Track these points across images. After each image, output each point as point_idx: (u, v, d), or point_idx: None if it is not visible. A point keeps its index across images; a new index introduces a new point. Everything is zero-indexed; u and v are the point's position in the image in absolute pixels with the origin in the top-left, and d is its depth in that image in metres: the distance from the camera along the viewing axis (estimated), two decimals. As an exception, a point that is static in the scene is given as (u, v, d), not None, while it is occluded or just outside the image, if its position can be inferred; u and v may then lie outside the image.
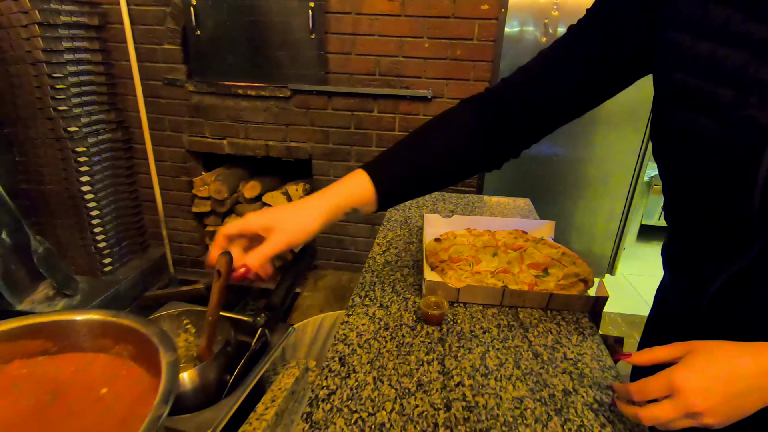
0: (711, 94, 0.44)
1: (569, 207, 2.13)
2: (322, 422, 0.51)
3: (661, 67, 0.51)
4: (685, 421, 0.43)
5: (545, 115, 0.63)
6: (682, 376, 0.43)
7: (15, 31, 1.70)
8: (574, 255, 0.89)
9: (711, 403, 0.42)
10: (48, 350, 0.35)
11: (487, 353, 0.64)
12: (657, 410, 0.44)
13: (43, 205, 2.05)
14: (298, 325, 1.04)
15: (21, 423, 0.30)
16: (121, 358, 0.35)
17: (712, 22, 0.43)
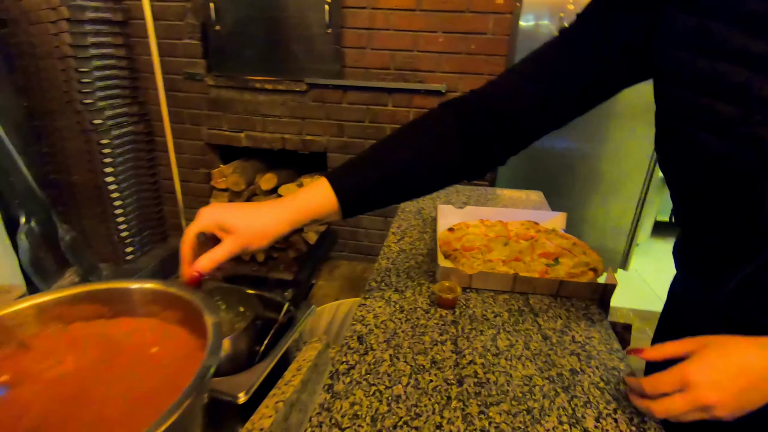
0: (711, 110, 0.44)
1: (582, 201, 2.14)
2: (342, 393, 0.54)
3: (660, 82, 0.51)
4: (696, 414, 0.45)
5: (532, 121, 0.60)
6: (693, 370, 0.44)
7: (44, 27, 1.77)
8: (584, 245, 0.91)
9: (722, 396, 0.43)
10: (104, 314, 0.40)
11: (498, 335, 0.67)
12: (669, 403, 0.45)
13: (70, 195, 2.13)
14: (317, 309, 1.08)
15: (88, 373, 0.34)
16: (168, 323, 0.39)
17: (711, 39, 0.43)
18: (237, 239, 0.51)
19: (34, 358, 0.35)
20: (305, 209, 0.56)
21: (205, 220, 0.52)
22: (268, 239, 0.53)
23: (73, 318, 0.38)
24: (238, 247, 0.51)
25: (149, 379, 0.33)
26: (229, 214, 0.52)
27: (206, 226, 0.52)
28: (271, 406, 0.43)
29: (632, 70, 0.55)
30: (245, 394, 0.39)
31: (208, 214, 0.52)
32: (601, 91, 0.58)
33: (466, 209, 1.06)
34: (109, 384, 0.33)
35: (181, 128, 2.21)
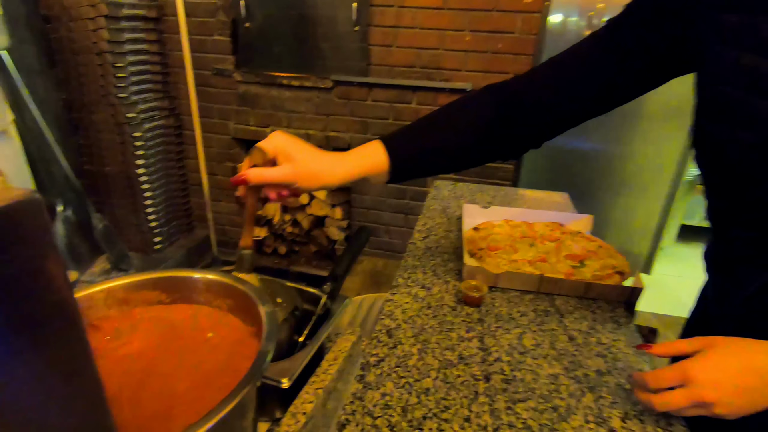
0: (752, 107, 0.45)
1: (606, 203, 2.11)
2: (373, 383, 0.57)
3: (701, 77, 0.52)
4: (696, 410, 0.46)
5: (569, 109, 0.63)
6: (695, 367, 0.46)
7: (83, 23, 1.84)
8: (610, 248, 0.91)
9: (720, 394, 0.44)
10: (162, 300, 0.43)
11: (524, 334, 0.68)
12: (669, 397, 0.47)
13: (103, 185, 2.22)
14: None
15: (153, 353, 0.37)
16: (221, 310, 0.42)
17: (757, 35, 0.43)
18: (293, 168, 0.54)
19: (103, 339, 0.39)
20: (359, 166, 0.59)
21: (275, 139, 0.55)
22: (319, 183, 0.56)
23: (136, 303, 0.42)
24: (291, 176, 0.54)
25: (208, 361, 0.36)
26: (296, 146, 0.55)
27: (274, 145, 0.55)
28: (311, 392, 0.45)
29: (672, 65, 0.56)
30: (288, 380, 0.42)
31: (279, 137, 0.55)
32: (639, 85, 0.60)
33: (491, 209, 1.07)
34: (173, 363, 0.36)
35: (209, 123, 2.27)
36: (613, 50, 0.58)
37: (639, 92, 0.61)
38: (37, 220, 0.17)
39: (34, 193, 0.17)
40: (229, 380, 0.34)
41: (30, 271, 0.17)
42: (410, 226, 2.24)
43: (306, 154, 0.55)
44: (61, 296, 0.20)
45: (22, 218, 0.16)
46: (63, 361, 0.21)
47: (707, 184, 0.58)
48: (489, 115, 0.64)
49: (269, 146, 0.55)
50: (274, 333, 0.34)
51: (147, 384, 0.34)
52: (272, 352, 0.32)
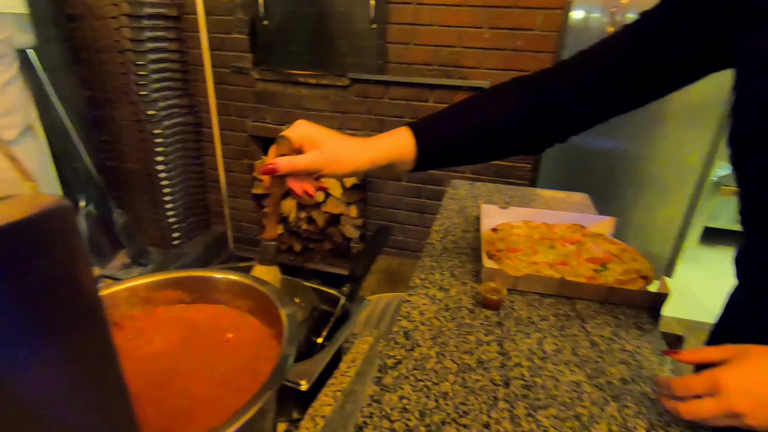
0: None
1: (626, 204, 2.06)
2: (391, 386, 0.56)
3: (742, 73, 0.50)
4: (725, 420, 0.44)
5: (599, 103, 0.61)
6: (726, 375, 0.44)
7: (106, 22, 1.88)
8: (634, 252, 0.89)
9: (753, 405, 0.43)
10: (183, 300, 0.43)
11: (544, 339, 0.67)
12: (697, 406, 0.45)
13: (124, 181, 2.26)
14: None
15: (174, 352, 0.37)
16: (241, 311, 0.42)
17: None
18: (321, 155, 0.54)
19: (126, 337, 0.39)
20: (386, 151, 0.59)
21: (300, 128, 0.55)
22: (347, 169, 0.56)
23: (158, 302, 0.42)
24: (319, 162, 0.54)
25: (228, 362, 0.36)
26: (322, 132, 0.55)
27: (300, 134, 0.55)
28: (330, 395, 0.45)
29: (709, 59, 0.54)
30: (307, 382, 0.41)
31: (304, 124, 0.55)
32: (674, 79, 0.58)
33: (509, 209, 1.06)
34: (194, 364, 0.36)
35: (227, 120, 2.29)
36: (648, 43, 0.56)
37: (673, 87, 0.59)
38: (67, 226, 0.17)
39: (64, 199, 0.17)
40: (249, 382, 0.34)
41: (61, 276, 0.17)
42: (426, 224, 2.23)
43: (332, 140, 0.55)
44: (90, 300, 0.20)
45: (53, 225, 0.16)
46: (91, 362, 0.22)
47: (742, 184, 0.56)
48: (517, 106, 0.63)
49: (294, 134, 0.55)
50: (295, 336, 0.34)
51: (169, 384, 0.34)
52: (293, 356, 0.32)
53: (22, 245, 0.16)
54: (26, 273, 0.17)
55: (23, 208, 0.15)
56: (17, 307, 0.17)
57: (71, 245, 0.17)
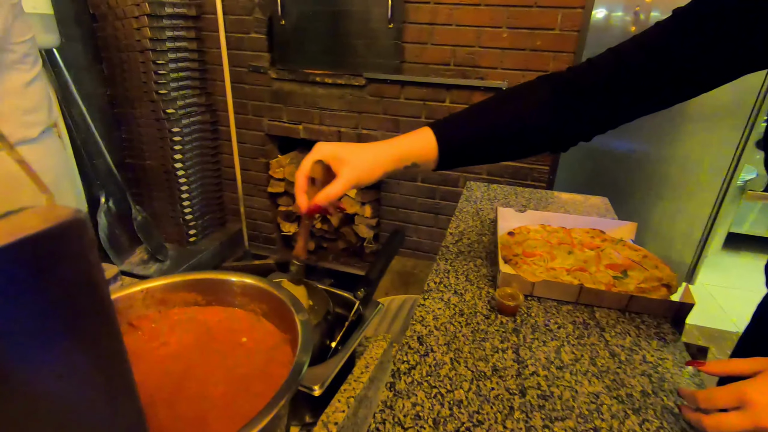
0: None
1: (646, 208, 2.01)
2: (404, 392, 0.56)
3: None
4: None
5: (628, 102, 0.60)
6: (755, 389, 0.42)
7: (128, 22, 1.91)
8: (656, 259, 0.86)
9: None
10: (198, 302, 0.43)
11: (562, 347, 0.65)
12: (723, 420, 0.43)
13: (143, 178, 2.30)
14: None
15: (189, 354, 0.37)
16: (255, 315, 0.42)
17: None
18: (352, 172, 0.55)
19: (142, 338, 0.39)
20: (408, 151, 0.60)
21: (324, 150, 0.56)
22: (377, 174, 0.57)
23: (174, 303, 0.42)
24: (354, 180, 0.55)
25: (243, 366, 0.36)
26: (345, 149, 0.57)
27: (325, 156, 0.56)
28: (343, 401, 0.45)
29: (747, 57, 0.52)
30: (320, 388, 0.41)
31: (327, 146, 0.57)
32: (709, 78, 0.56)
33: (526, 213, 1.04)
34: (208, 366, 0.36)
35: (243, 119, 2.31)
36: (684, 40, 0.54)
37: (708, 86, 0.57)
38: (83, 237, 0.17)
39: (80, 212, 0.17)
40: (264, 387, 0.33)
41: (78, 282, 0.18)
42: (440, 226, 2.21)
43: (356, 154, 0.57)
44: (103, 306, 0.21)
45: (70, 236, 0.17)
46: (102, 354, 0.23)
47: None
48: (543, 104, 0.62)
49: (324, 157, 0.57)
50: (310, 343, 0.33)
51: (184, 387, 0.34)
52: (307, 363, 0.32)
53: (43, 255, 0.16)
54: (47, 280, 0.18)
55: (41, 220, 0.15)
56: (40, 309, 0.18)
57: (86, 254, 0.17)
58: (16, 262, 0.16)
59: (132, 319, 0.40)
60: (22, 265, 0.16)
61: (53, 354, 0.19)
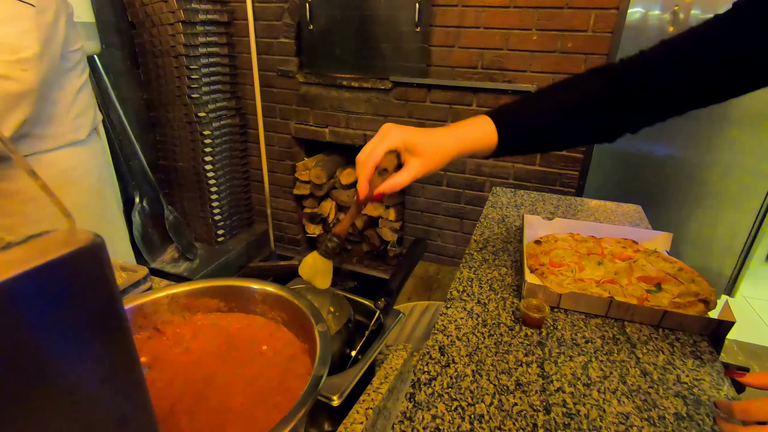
0: None
1: (683, 216, 1.92)
2: (424, 404, 0.55)
3: None
4: None
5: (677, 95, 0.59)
6: None
7: (164, 29, 1.98)
8: (693, 272, 0.82)
9: None
10: (221, 308, 0.44)
11: (589, 363, 0.63)
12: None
13: (175, 179, 2.38)
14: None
15: (211, 361, 0.38)
16: (276, 323, 0.42)
17: None
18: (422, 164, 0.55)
19: (166, 343, 0.40)
20: (471, 141, 0.61)
21: (394, 139, 0.55)
22: (442, 165, 0.58)
23: (197, 309, 0.43)
24: (423, 172, 0.56)
25: (263, 376, 0.36)
26: (414, 135, 0.56)
27: (396, 144, 0.55)
28: (362, 412, 0.44)
29: None
30: (339, 398, 0.41)
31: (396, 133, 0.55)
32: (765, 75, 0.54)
33: (554, 221, 1.01)
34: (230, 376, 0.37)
35: (272, 122, 2.36)
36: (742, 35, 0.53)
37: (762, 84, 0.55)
38: (100, 259, 0.18)
39: (97, 236, 0.18)
40: (282, 399, 0.34)
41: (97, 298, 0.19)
42: (465, 231, 2.18)
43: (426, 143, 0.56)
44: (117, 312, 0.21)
45: (90, 258, 0.17)
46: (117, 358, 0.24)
47: None
48: (596, 92, 0.63)
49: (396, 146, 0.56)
50: (328, 356, 0.33)
51: (205, 396, 0.34)
52: (325, 376, 0.31)
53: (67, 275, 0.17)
54: (73, 297, 0.18)
55: (63, 244, 0.16)
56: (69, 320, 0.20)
57: (104, 273, 0.18)
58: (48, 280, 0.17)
59: (158, 323, 0.41)
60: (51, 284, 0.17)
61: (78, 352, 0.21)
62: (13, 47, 0.86)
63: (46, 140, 1.03)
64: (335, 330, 0.52)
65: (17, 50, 0.87)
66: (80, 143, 1.14)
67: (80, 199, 1.16)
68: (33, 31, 0.89)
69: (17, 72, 0.87)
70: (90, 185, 1.19)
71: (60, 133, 1.06)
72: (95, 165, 1.22)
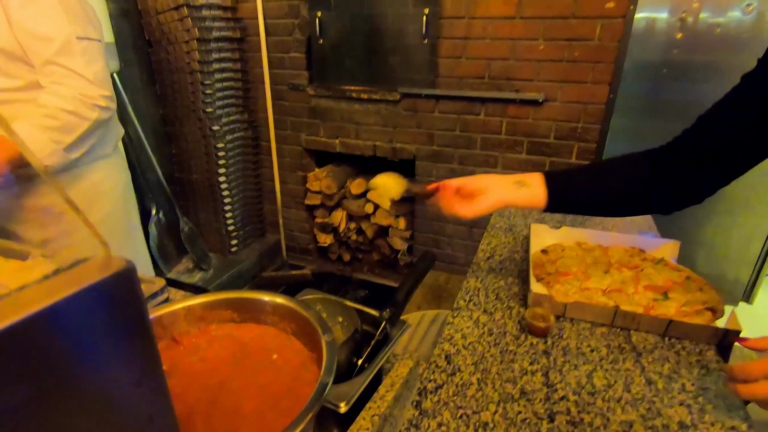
0: None
1: (697, 223, 1.90)
2: (430, 411, 0.56)
3: None
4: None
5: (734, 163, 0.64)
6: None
7: (179, 46, 2.05)
8: (701, 280, 0.82)
9: None
10: (234, 319, 0.46)
11: (594, 372, 0.63)
12: (755, 387, 0.50)
13: (190, 191, 2.44)
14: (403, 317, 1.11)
15: (225, 369, 0.40)
16: (286, 333, 0.45)
17: None
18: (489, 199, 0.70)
19: (183, 353, 0.42)
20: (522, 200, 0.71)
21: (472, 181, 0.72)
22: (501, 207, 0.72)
23: (211, 320, 0.46)
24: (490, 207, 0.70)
25: (274, 383, 0.38)
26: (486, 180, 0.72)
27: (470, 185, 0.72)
28: (368, 419, 0.46)
29: None
30: (346, 405, 0.43)
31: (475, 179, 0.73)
32: None
33: (561, 230, 1.02)
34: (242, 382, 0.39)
35: (283, 134, 2.41)
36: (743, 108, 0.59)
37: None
38: (132, 281, 0.21)
39: (130, 262, 0.20)
40: (291, 404, 0.36)
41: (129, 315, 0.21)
42: (474, 239, 2.19)
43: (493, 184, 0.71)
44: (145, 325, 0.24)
45: (124, 281, 0.20)
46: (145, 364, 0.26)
47: None
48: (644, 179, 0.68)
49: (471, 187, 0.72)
50: (333, 364, 0.35)
51: (219, 401, 0.37)
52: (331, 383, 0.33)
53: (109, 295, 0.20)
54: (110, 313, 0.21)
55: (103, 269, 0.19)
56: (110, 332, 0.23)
57: (135, 293, 0.21)
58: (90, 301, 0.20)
59: (175, 334, 0.44)
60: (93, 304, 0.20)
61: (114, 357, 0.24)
62: (102, 82, 1.01)
63: (80, 156, 1.09)
64: (343, 339, 0.54)
65: (104, 84, 1.02)
66: (107, 157, 1.20)
67: (108, 211, 1.22)
68: (106, 66, 1.05)
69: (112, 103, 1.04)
70: (116, 198, 1.25)
71: (92, 148, 1.12)
72: (120, 178, 1.28)
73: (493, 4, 1.77)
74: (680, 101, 1.70)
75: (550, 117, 1.85)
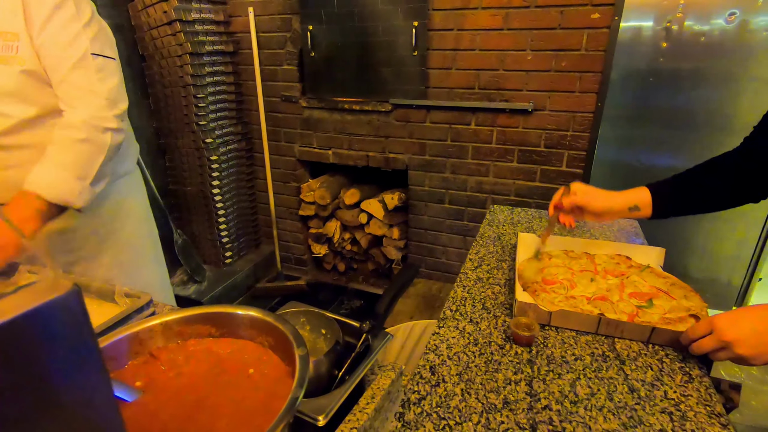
0: None
1: (688, 227, 1.91)
2: (413, 423, 0.56)
3: None
4: (723, 354, 0.59)
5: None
6: (720, 317, 0.60)
7: (172, 60, 2.07)
8: (686, 287, 0.83)
9: (738, 334, 0.57)
10: (212, 334, 0.47)
11: (577, 381, 0.64)
12: (700, 343, 0.62)
13: (184, 203, 2.44)
14: (390, 329, 1.11)
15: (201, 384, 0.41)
16: (263, 347, 0.45)
17: None
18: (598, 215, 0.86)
19: (160, 368, 0.43)
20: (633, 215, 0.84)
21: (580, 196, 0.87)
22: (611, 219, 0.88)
23: (189, 335, 0.46)
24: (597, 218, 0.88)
25: (249, 399, 0.39)
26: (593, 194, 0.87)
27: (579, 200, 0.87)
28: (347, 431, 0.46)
29: None
30: (324, 417, 0.43)
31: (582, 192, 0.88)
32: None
33: (549, 238, 1.02)
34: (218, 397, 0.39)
35: (276, 145, 2.42)
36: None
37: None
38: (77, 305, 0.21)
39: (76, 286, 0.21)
40: (264, 420, 0.36)
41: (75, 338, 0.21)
42: (469, 248, 2.19)
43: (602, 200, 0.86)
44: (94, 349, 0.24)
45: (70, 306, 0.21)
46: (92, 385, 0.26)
47: None
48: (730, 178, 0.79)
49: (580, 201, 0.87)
50: (305, 378, 0.35)
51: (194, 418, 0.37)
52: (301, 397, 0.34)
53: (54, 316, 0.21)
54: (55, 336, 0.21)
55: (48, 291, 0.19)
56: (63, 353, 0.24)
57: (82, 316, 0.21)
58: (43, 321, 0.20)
59: (153, 349, 0.44)
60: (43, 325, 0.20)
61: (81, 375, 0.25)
62: (114, 101, 0.99)
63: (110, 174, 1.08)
64: (325, 351, 0.54)
65: (117, 103, 1.00)
66: (128, 174, 1.21)
67: (134, 227, 1.22)
68: (122, 84, 1.03)
69: (123, 123, 1.01)
70: (140, 213, 1.26)
71: (125, 167, 1.12)
72: (141, 193, 1.29)
73: (481, 16, 1.80)
74: (667, 108, 1.73)
75: (540, 126, 1.87)
